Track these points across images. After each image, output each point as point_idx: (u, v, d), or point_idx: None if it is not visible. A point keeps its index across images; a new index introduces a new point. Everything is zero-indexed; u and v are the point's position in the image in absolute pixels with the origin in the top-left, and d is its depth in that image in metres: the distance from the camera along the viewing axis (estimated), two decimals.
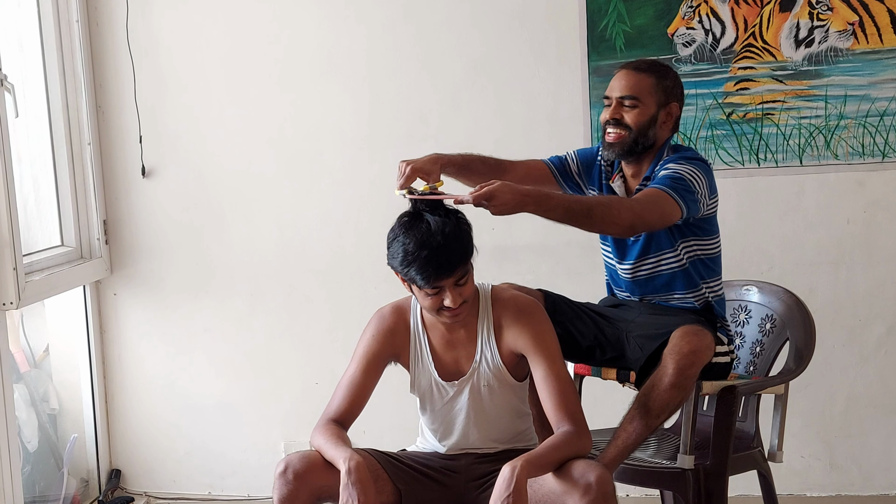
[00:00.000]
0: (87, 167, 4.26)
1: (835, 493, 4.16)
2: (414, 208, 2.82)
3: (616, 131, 3.13)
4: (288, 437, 4.33)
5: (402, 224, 2.80)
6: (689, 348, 2.91)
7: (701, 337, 2.95)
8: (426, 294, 2.79)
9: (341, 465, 2.70)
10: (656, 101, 3.13)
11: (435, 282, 2.74)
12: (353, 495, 2.67)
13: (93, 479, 4.43)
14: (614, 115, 3.13)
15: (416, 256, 2.72)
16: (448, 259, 2.73)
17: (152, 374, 4.44)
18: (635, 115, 3.11)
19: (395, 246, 2.79)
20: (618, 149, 3.14)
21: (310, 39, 4.23)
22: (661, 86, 3.14)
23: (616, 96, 3.14)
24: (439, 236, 2.72)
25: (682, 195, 2.99)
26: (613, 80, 3.18)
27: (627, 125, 3.12)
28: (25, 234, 3.84)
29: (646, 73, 3.15)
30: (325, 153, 4.27)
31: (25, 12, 4.11)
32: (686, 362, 2.90)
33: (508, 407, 2.97)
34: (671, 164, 3.07)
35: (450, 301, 2.77)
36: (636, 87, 3.12)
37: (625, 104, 3.12)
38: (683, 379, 2.91)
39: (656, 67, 3.20)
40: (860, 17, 3.96)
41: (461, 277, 2.77)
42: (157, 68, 4.29)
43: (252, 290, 4.36)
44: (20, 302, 3.60)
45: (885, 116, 3.99)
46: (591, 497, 2.62)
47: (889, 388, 4.11)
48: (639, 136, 3.12)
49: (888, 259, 4.06)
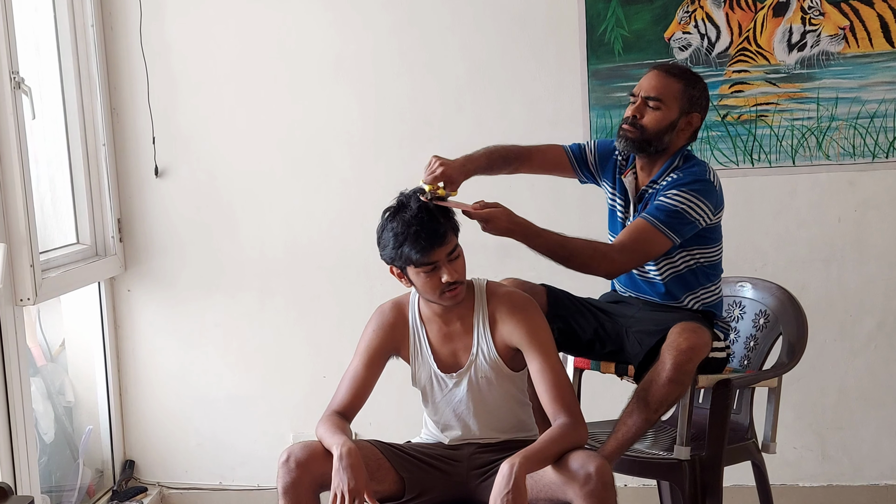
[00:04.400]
0: (101, 167, 4.26)
1: (826, 483, 4.15)
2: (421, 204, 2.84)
3: (632, 128, 3.10)
4: (296, 428, 4.33)
5: (387, 215, 2.85)
6: (686, 345, 2.91)
7: (699, 334, 2.94)
8: (424, 274, 2.80)
9: (334, 451, 2.72)
10: (679, 108, 3.09)
11: (429, 252, 2.77)
12: (343, 480, 2.68)
13: (107, 470, 4.43)
14: (636, 112, 3.09)
15: (407, 233, 2.77)
16: (436, 229, 2.78)
17: (165, 368, 4.44)
18: (656, 117, 3.08)
19: (385, 235, 2.83)
20: (629, 143, 3.11)
21: (317, 44, 4.23)
22: (688, 94, 3.09)
23: (642, 95, 3.10)
24: (423, 213, 2.79)
25: (674, 228, 3.00)
26: (644, 78, 3.13)
27: (643, 126, 3.09)
28: (42, 232, 3.84)
29: (675, 78, 3.10)
30: (332, 154, 4.27)
31: (42, 17, 4.11)
32: (683, 358, 2.90)
33: (507, 397, 2.97)
34: (672, 191, 3.03)
35: (447, 276, 2.79)
36: (663, 89, 3.08)
37: (649, 104, 3.08)
38: (681, 374, 2.91)
39: (687, 75, 3.14)
40: (851, 22, 3.95)
41: (452, 250, 2.81)
42: (169, 72, 4.29)
43: (261, 286, 4.36)
44: (37, 298, 3.60)
45: (875, 118, 3.98)
46: (591, 487, 2.62)
47: (879, 381, 4.11)
48: (653, 139, 3.09)
49: (878, 256, 4.05)
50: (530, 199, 4.15)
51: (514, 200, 4.16)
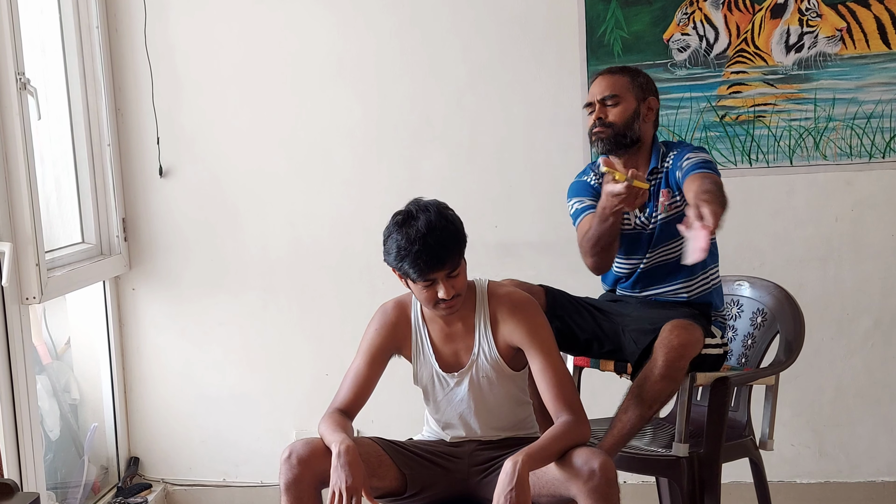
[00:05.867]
0: (106, 167, 4.26)
1: (823, 480, 4.15)
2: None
3: (602, 128, 3.19)
4: (299, 426, 4.33)
5: (396, 222, 2.81)
6: (678, 341, 2.92)
7: (690, 331, 2.95)
8: (421, 287, 2.80)
9: (333, 449, 2.71)
10: (635, 97, 3.21)
11: (427, 275, 2.75)
12: (341, 477, 2.67)
13: (112, 467, 4.43)
14: (599, 115, 3.21)
15: (409, 251, 2.74)
16: (438, 253, 2.74)
17: (169, 366, 4.44)
18: (619, 111, 3.19)
19: (389, 243, 2.81)
20: (605, 142, 3.19)
21: (320, 45, 4.23)
22: (636, 83, 3.23)
23: (597, 99, 3.22)
24: (429, 232, 2.74)
25: (716, 170, 3.07)
26: (592, 86, 3.29)
27: (611, 122, 3.18)
28: (48, 231, 3.84)
29: (619, 74, 3.25)
30: (334, 154, 4.27)
31: (48, 18, 4.11)
32: (675, 355, 2.92)
33: (508, 396, 2.97)
34: (686, 155, 3.09)
35: (443, 293, 2.77)
36: (614, 86, 3.22)
37: (607, 104, 3.20)
38: (673, 371, 2.92)
39: (627, 69, 3.29)
40: (848, 24, 3.95)
41: (452, 270, 2.78)
42: (173, 73, 4.29)
43: (265, 285, 4.36)
44: (42, 297, 3.60)
45: (872, 119, 3.98)
46: (594, 483, 2.62)
47: (875, 379, 4.10)
48: (625, 129, 3.18)
49: (874, 255, 4.05)
50: (530, 198, 4.15)
51: (514, 200, 4.19)
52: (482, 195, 4.17)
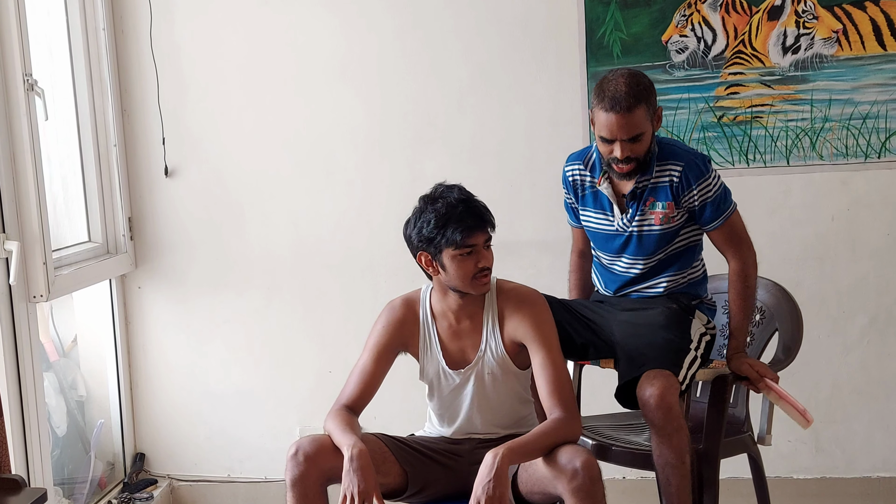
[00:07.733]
0: (112, 167, 4.25)
1: (820, 476, 4.15)
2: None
3: (627, 164, 3.05)
4: (303, 422, 4.33)
5: (427, 199, 2.86)
6: (655, 402, 2.87)
7: (664, 384, 2.91)
8: (459, 258, 2.80)
9: (345, 452, 2.70)
10: (650, 121, 3.04)
11: (472, 234, 2.78)
12: (353, 482, 2.66)
13: (118, 463, 4.43)
14: (625, 153, 3.02)
15: (451, 215, 2.79)
16: (480, 213, 2.82)
17: (175, 363, 4.44)
18: (643, 143, 3.04)
19: (423, 217, 2.82)
20: (628, 175, 3.09)
21: (324, 47, 4.22)
22: (648, 105, 3.02)
23: (623, 139, 3.00)
24: (467, 198, 2.84)
25: (731, 200, 3.20)
26: (611, 123, 2.99)
27: (636, 157, 3.05)
28: (55, 230, 3.83)
29: (636, 107, 2.98)
30: (337, 154, 4.26)
31: (55, 20, 4.10)
32: (669, 428, 2.89)
33: (511, 394, 2.97)
34: (698, 186, 3.10)
35: (483, 260, 2.81)
36: (639, 124, 3.00)
37: (633, 141, 3.02)
38: (667, 433, 2.90)
39: (636, 90, 3.00)
40: (844, 26, 3.95)
41: (489, 238, 2.84)
42: (179, 74, 4.28)
43: (269, 283, 4.35)
44: (50, 295, 3.60)
45: (868, 119, 3.97)
46: (578, 482, 2.62)
47: (871, 376, 4.10)
48: (647, 155, 3.07)
49: (870, 254, 4.05)
50: (530, 198, 4.15)
51: (514, 200, 4.18)
52: (483, 195, 4.10)
